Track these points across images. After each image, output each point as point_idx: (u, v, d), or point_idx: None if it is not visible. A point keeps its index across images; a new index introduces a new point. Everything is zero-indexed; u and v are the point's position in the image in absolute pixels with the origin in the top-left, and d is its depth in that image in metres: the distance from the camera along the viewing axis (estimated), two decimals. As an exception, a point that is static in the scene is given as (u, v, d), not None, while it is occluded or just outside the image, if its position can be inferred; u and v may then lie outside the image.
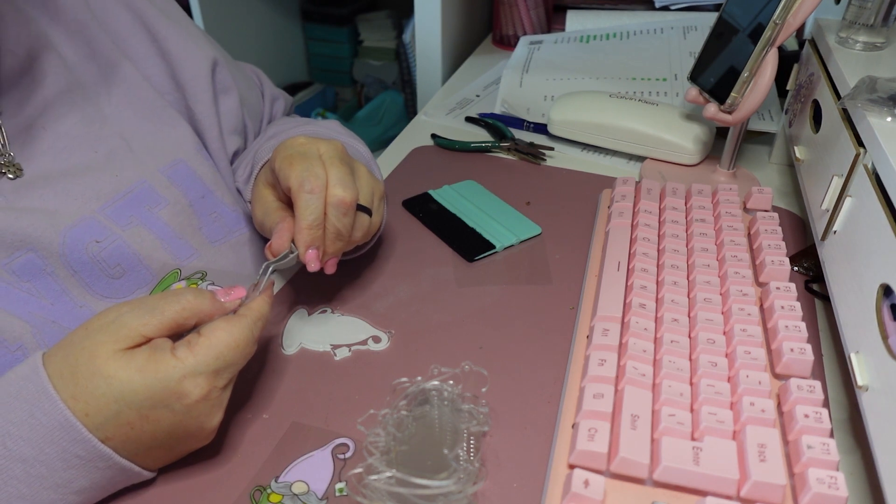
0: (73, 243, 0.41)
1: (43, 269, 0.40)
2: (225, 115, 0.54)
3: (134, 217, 0.45)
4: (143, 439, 0.34)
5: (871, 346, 0.36)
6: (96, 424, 0.33)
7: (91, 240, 0.42)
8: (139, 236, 0.45)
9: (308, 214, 0.41)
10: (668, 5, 0.88)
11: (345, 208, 0.42)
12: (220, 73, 0.53)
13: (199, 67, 0.51)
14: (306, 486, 0.37)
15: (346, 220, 0.42)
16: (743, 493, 0.33)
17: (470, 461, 0.36)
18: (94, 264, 0.42)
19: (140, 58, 0.50)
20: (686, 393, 0.38)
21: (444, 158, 0.69)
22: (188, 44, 0.51)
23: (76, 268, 0.42)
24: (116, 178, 0.45)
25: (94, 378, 0.32)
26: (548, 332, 0.47)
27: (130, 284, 0.44)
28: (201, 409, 0.34)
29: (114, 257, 0.43)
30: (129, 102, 0.48)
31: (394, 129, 1.35)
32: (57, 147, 0.44)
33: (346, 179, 0.42)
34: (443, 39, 0.89)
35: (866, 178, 0.40)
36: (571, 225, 0.58)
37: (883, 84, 0.43)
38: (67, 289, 0.41)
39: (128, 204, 0.45)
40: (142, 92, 0.49)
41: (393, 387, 0.42)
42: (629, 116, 0.66)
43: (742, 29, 0.55)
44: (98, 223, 0.43)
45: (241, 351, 0.36)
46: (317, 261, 0.42)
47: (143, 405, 0.33)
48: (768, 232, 0.50)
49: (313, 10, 1.40)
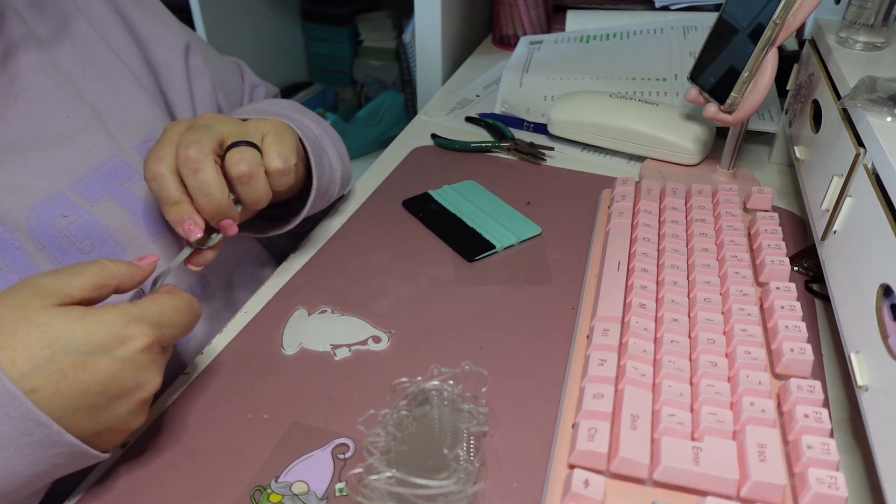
0: (39, 218, 0.42)
1: (11, 243, 0.41)
2: (199, 98, 0.54)
3: (105, 192, 0.45)
4: (74, 393, 0.31)
5: (871, 346, 0.36)
6: (22, 373, 0.30)
7: (58, 214, 0.42)
8: (109, 211, 0.45)
9: (162, 197, 0.41)
10: (668, 5, 0.88)
11: (191, 167, 0.40)
12: (193, 57, 0.54)
13: (171, 51, 0.53)
14: (306, 486, 0.37)
15: (204, 174, 0.40)
16: (743, 493, 0.33)
17: (470, 461, 0.36)
18: (63, 238, 0.43)
19: (116, 43, 0.51)
20: (686, 393, 0.38)
21: (444, 158, 0.69)
22: (159, 28, 0.52)
23: (44, 242, 0.42)
24: (87, 153, 0.45)
25: (23, 325, 0.31)
26: (548, 332, 0.47)
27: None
28: (142, 360, 0.33)
29: (82, 231, 0.43)
30: (102, 78, 0.49)
31: (394, 129, 1.35)
32: (29, 114, 0.44)
33: (189, 139, 0.41)
34: (443, 39, 0.89)
35: (866, 178, 0.40)
36: (571, 225, 0.58)
37: (883, 84, 0.43)
38: (36, 263, 0.41)
39: (99, 179, 0.45)
40: (116, 71, 0.49)
41: (393, 387, 0.42)
42: (629, 116, 0.66)
43: (742, 29, 0.54)
44: (67, 199, 0.43)
45: (182, 316, 0.35)
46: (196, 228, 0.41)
47: (80, 350, 0.31)
48: (768, 232, 0.50)
49: (313, 10, 1.40)
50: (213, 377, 0.43)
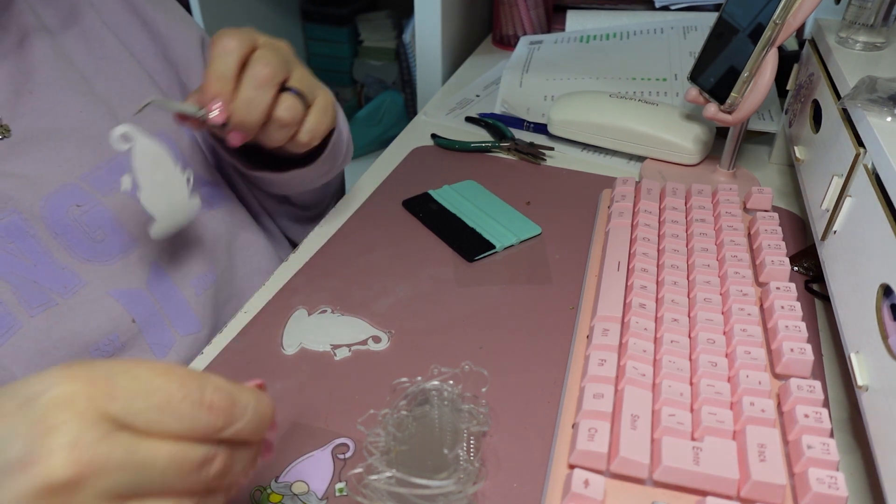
0: (53, 207, 0.43)
1: (26, 231, 0.42)
2: None
3: (117, 184, 0.45)
4: None
5: (871, 346, 0.36)
6: None
7: (72, 204, 0.43)
8: (121, 203, 0.46)
9: (216, 67, 0.40)
10: (668, 5, 0.88)
11: (258, 81, 0.40)
12: (209, 51, 0.55)
13: (188, 44, 0.54)
14: (306, 486, 0.37)
15: (260, 93, 0.41)
16: (743, 493, 0.33)
17: (470, 461, 0.36)
18: (76, 227, 0.43)
19: (131, 40, 0.52)
20: (686, 393, 0.38)
21: (444, 158, 0.69)
22: (176, 23, 0.54)
23: (57, 230, 0.43)
24: (100, 146, 0.46)
25: None
26: (548, 332, 0.47)
27: (113, 248, 0.45)
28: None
29: (95, 221, 0.44)
30: (114, 75, 0.49)
31: (394, 129, 1.35)
32: (42, 108, 0.45)
33: (271, 57, 0.41)
34: (443, 39, 0.89)
35: (866, 178, 0.40)
36: (571, 225, 0.58)
37: (883, 84, 0.43)
38: (49, 251, 0.42)
39: (111, 171, 0.46)
40: (128, 67, 0.50)
41: (393, 387, 0.42)
42: (629, 116, 0.66)
43: (742, 29, 0.54)
44: (80, 189, 0.44)
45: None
46: (222, 113, 0.41)
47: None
48: (768, 232, 0.50)
49: (313, 10, 1.40)
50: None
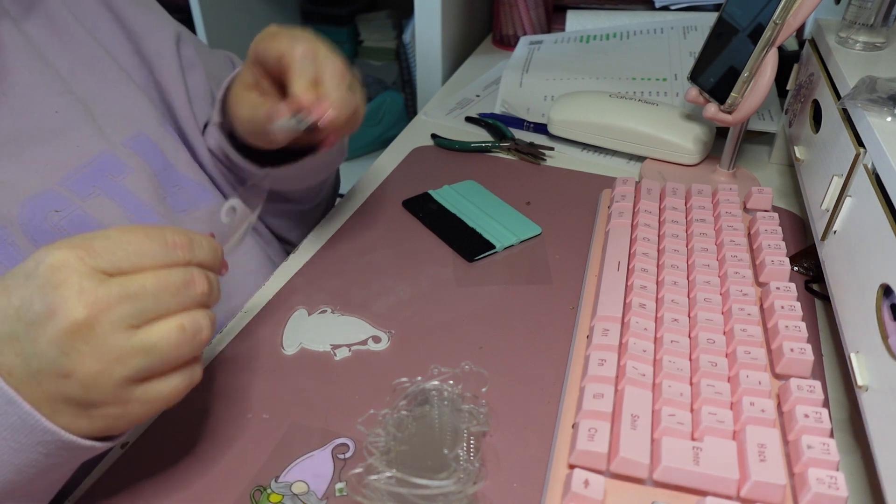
0: (31, 213, 0.42)
1: (3, 238, 0.40)
2: (193, 89, 0.55)
3: (97, 187, 0.45)
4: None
5: (871, 346, 0.36)
6: None
7: (50, 210, 0.42)
8: (101, 206, 0.45)
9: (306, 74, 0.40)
10: (668, 5, 0.88)
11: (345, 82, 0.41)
12: (185, 48, 0.54)
13: (162, 41, 0.53)
14: (306, 486, 0.37)
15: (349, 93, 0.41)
16: (743, 493, 0.33)
17: (470, 461, 0.36)
18: (55, 233, 0.42)
19: (105, 37, 0.51)
20: (686, 393, 0.38)
21: (444, 158, 0.69)
22: (149, 20, 0.53)
23: (36, 236, 0.42)
24: (78, 149, 0.45)
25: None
26: (548, 332, 0.47)
27: None
28: (52, 278, 0.28)
29: (75, 226, 0.43)
30: (90, 74, 0.49)
31: (394, 129, 1.35)
32: (17, 111, 0.44)
33: (335, 56, 0.42)
34: (443, 39, 0.89)
35: (866, 178, 0.40)
36: (571, 225, 0.58)
37: (883, 84, 0.43)
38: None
39: (90, 174, 0.45)
40: (104, 66, 0.49)
41: (393, 387, 0.42)
42: (629, 116, 0.66)
43: (742, 29, 0.55)
44: (58, 194, 0.43)
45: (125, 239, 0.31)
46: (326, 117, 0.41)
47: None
48: (768, 232, 0.50)
49: (313, 10, 1.40)
50: (213, 377, 0.43)
